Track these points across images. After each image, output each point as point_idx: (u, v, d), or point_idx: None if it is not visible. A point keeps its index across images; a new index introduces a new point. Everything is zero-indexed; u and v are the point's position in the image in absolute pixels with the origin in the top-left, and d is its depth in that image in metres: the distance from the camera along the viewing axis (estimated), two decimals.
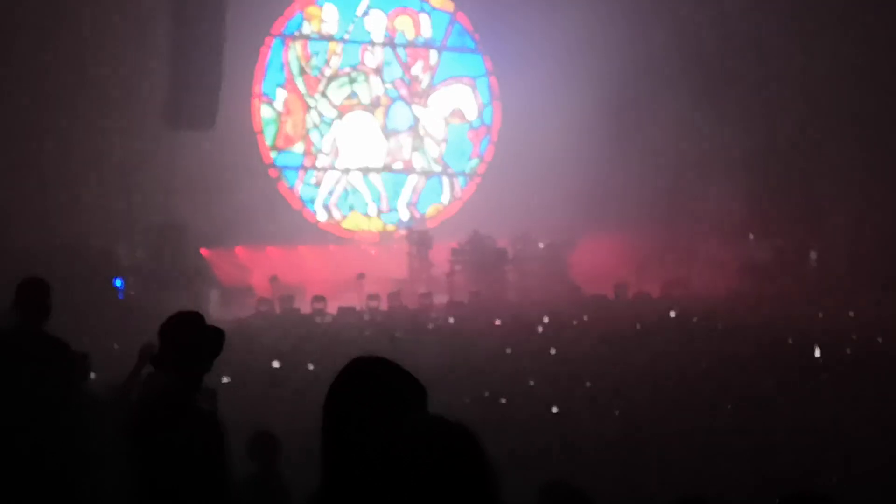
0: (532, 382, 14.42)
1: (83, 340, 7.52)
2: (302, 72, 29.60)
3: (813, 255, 27.09)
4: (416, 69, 31.08)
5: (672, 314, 21.68)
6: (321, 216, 29.75)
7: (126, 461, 5.58)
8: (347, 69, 30.22)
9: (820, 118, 26.17)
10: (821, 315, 21.29)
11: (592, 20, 26.71)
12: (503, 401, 13.13)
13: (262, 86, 29.04)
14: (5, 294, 7.85)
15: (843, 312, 21.51)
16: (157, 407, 5.57)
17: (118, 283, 22.44)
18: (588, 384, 14.27)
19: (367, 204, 30.35)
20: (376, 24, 30.51)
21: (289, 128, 29.47)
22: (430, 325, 20.71)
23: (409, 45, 31.10)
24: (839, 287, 24.03)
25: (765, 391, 13.80)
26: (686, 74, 26.50)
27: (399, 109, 30.85)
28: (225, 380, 12.41)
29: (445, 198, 31.44)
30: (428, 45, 31.34)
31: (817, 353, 16.98)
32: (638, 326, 19.83)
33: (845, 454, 10.46)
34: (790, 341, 18.14)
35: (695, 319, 20.85)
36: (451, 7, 31.31)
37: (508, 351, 17.08)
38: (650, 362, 15.69)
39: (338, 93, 30.03)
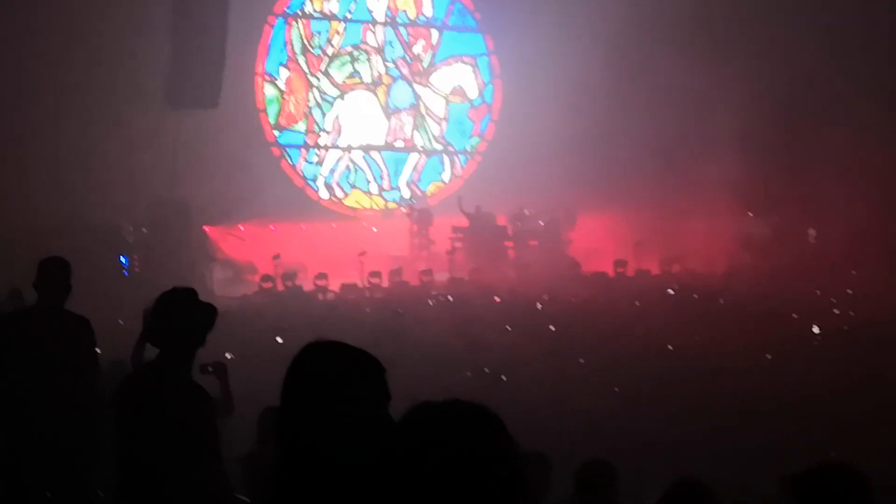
0: (532, 358, 14.52)
1: (89, 317, 7.59)
2: (304, 50, 29.66)
3: (812, 232, 27.14)
4: (418, 48, 31.13)
5: (671, 291, 21.77)
6: (323, 194, 29.85)
7: (116, 435, 5.64)
8: (349, 48, 30.28)
9: (819, 94, 26.18)
10: (819, 292, 21.35)
11: (593, 1, 26.75)
12: (503, 377, 13.21)
13: (264, 64, 29.09)
14: (15, 271, 7.95)
15: (841, 290, 21.56)
16: (145, 381, 5.63)
17: (123, 259, 22.57)
18: (587, 361, 14.37)
19: (368, 182, 30.44)
20: (378, 3, 30.53)
21: (291, 106, 29.53)
22: (431, 302, 20.80)
23: (410, 24, 31.13)
24: (837, 265, 24.09)
25: (763, 367, 13.92)
26: (683, 52, 26.50)
27: (400, 88, 30.91)
28: (228, 356, 12.51)
29: (446, 176, 31.53)
30: (429, 24, 31.37)
31: (815, 330, 17.09)
32: (637, 304, 19.91)
33: (843, 430, 10.54)
34: (794, 316, 18.23)
35: (695, 296, 20.94)
36: None
37: (508, 328, 17.16)
38: (650, 338, 15.79)
39: (340, 71, 30.10)
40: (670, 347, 15.22)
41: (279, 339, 15.32)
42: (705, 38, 26.50)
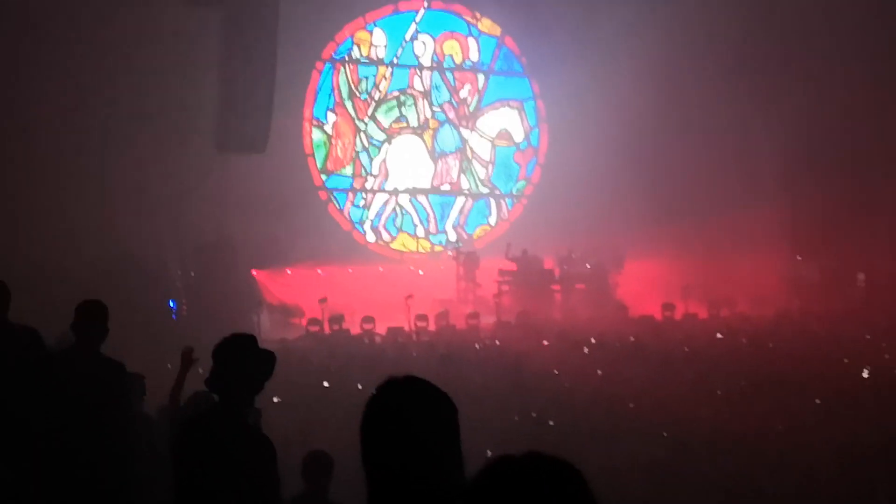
0: (580, 403, 14.44)
1: (137, 361, 7.64)
2: (352, 95, 29.86)
3: (861, 276, 26.90)
4: (464, 92, 31.25)
5: (720, 335, 21.61)
6: (370, 237, 29.95)
7: (174, 479, 5.64)
8: (396, 92, 30.46)
9: (864, 137, 26.01)
10: (869, 337, 21.14)
11: (638, 46, 26.74)
12: (551, 422, 13.14)
13: (312, 109, 29.31)
14: (62, 313, 8.00)
15: (892, 334, 21.33)
16: (207, 427, 5.64)
17: (171, 303, 22.71)
18: (634, 405, 14.28)
19: (415, 225, 30.51)
20: (425, 48, 30.71)
21: (338, 150, 29.71)
22: (478, 345, 20.74)
23: (456, 68, 31.27)
24: (888, 308, 23.84)
25: (813, 412, 13.77)
26: (731, 94, 26.49)
27: (447, 132, 31.02)
28: (276, 399, 12.54)
29: (493, 219, 31.55)
30: (476, 68, 31.50)
31: (865, 374, 16.90)
32: (686, 349, 19.76)
33: (894, 474, 10.41)
34: (845, 360, 18.05)
35: (744, 340, 20.77)
36: (498, 31, 31.48)
37: (556, 371, 17.09)
38: (698, 382, 15.67)
39: (387, 116, 30.27)
40: (719, 392, 15.10)
41: (326, 384, 15.34)
42: (752, 79, 26.42)
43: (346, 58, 29.98)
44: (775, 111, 26.49)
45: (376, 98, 30.21)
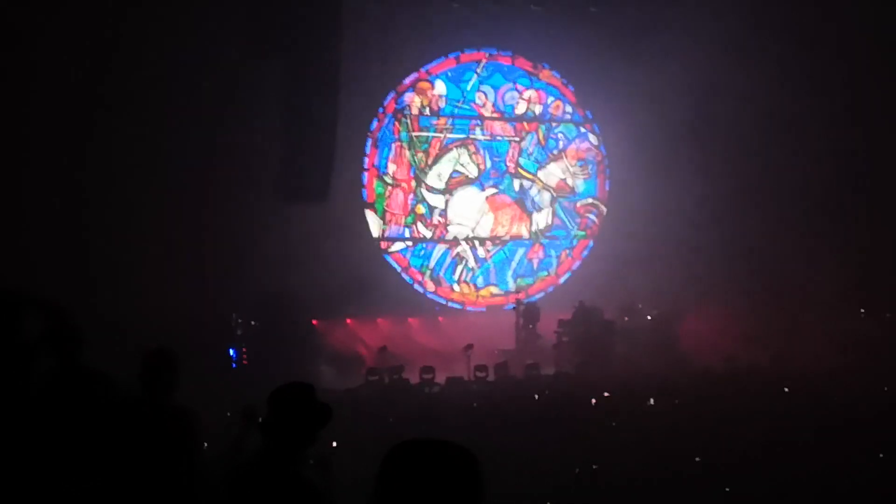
0: (641, 455, 14.32)
1: (197, 409, 7.65)
2: (412, 146, 29.99)
3: None
4: (525, 143, 31.29)
5: (786, 389, 21.35)
6: (430, 287, 29.95)
7: None
8: (457, 143, 30.53)
9: None
10: None
11: (702, 95, 26.68)
12: (611, 474, 13.03)
13: (373, 160, 29.46)
14: (125, 362, 8.04)
15: None
16: (256, 474, 5.62)
17: (232, 352, 22.83)
18: (697, 459, 14.14)
19: (475, 275, 30.48)
20: (485, 99, 30.80)
21: (399, 200, 29.81)
22: (537, 396, 20.64)
23: (517, 119, 31.34)
24: None
25: (877, 467, 13.58)
26: (797, 149, 26.34)
27: (507, 182, 31.05)
28: (334, 444, 12.54)
29: (553, 269, 31.46)
30: (536, 119, 31.55)
31: None
32: (748, 402, 19.54)
33: None
34: None
35: (807, 395, 20.51)
36: (559, 82, 31.52)
37: (613, 424, 16.98)
38: (762, 437, 15.49)
39: (447, 166, 30.34)
40: (781, 449, 14.91)
41: (385, 432, 15.32)
42: (818, 128, 26.23)
43: (408, 108, 30.15)
44: (836, 167, 26.26)
45: (437, 148, 30.33)
